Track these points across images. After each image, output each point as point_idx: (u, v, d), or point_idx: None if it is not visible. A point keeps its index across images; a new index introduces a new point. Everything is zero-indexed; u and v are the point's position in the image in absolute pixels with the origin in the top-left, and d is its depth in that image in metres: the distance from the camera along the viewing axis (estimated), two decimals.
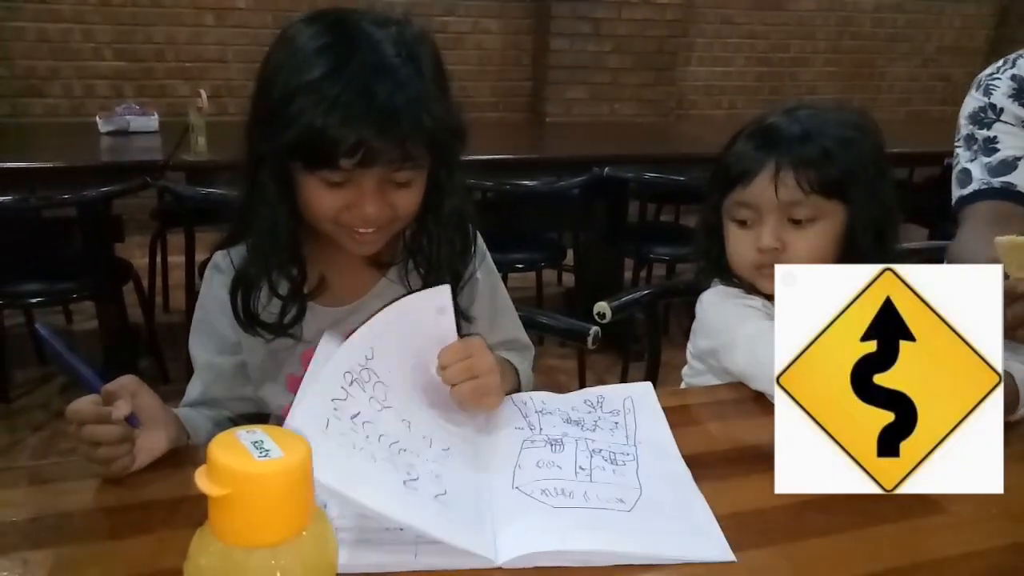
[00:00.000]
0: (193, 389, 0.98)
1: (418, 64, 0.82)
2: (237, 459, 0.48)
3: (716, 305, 1.06)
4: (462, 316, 0.98)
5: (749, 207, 1.00)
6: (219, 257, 0.96)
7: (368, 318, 0.83)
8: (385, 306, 0.84)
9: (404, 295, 0.91)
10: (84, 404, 0.73)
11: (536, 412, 0.88)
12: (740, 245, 1.03)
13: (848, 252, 1.00)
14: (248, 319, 0.91)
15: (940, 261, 1.57)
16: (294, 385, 0.97)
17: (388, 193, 0.84)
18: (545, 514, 0.70)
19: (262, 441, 0.50)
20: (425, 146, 0.83)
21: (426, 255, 0.94)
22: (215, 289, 0.95)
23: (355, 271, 0.96)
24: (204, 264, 2.45)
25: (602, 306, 1.25)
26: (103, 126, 2.73)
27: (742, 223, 1.02)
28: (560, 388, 0.95)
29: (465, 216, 0.95)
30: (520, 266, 2.62)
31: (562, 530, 0.67)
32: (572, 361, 2.52)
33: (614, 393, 0.94)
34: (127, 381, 0.77)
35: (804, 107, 1.04)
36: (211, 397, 0.97)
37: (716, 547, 0.68)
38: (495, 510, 0.71)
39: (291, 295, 0.91)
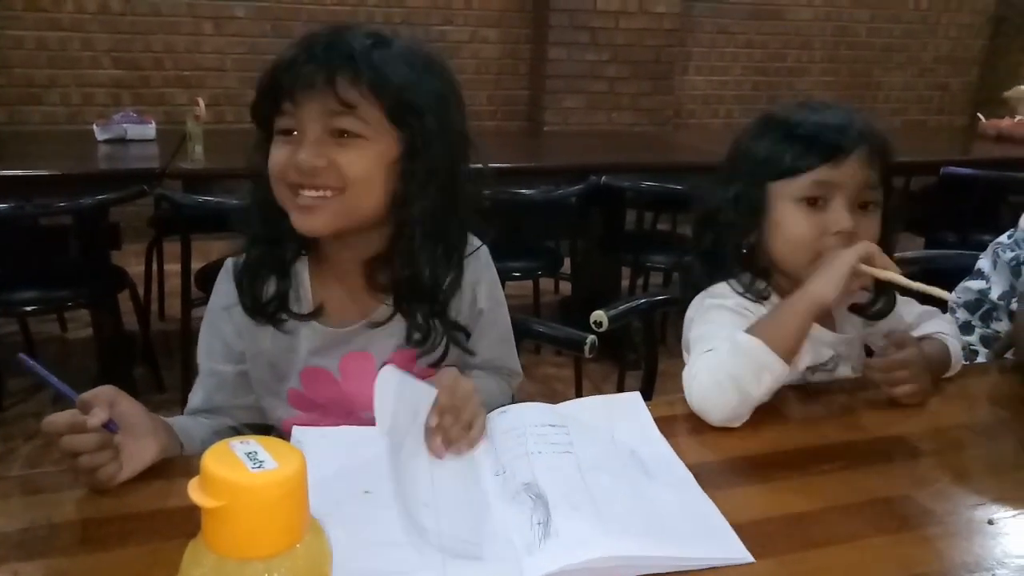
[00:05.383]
0: (195, 396, 0.98)
1: (386, 42, 0.86)
2: (231, 470, 0.48)
3: (707, 312, 1.05)
4: (454, 327, 0.97)
5: (830, 186, 0.98)
6: (230, 264, 0.96)
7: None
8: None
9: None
10: (58, 416, 0.73)
11: (531, 427, 0.86)
12: (806, 227, 0.99)
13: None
14: (254, 304, 0.92)
15: (935, 270, 1.58)
16: (295, 401, 0.97)
17: (330, 148, 0.85)
18: (564, 528, 0.69)
19: (256, 452, 0.50)
20: (374, 103, 0.84)
21: (397, 256, 0.92)
22: (223, 296, 0.96)
23: (355, 294, 0.96)
24: (200, 272, 2.44)
25: (599, 315, 1.24)
26: (100, 134, 2.72)
27: (812, 203, 0.99)
28: (556, 397, 0.95)
29: (437, 223, 0.92)
30: (517, 274, 2.61)
31: (585, 541, 0.66)
32: (569, 370, 2.51)
33: (603, 404, 0.94)
34: (103, 390, 0.76)
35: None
36: (214, 405, 0.97)
37: (732, 548, 0.68)
38: (511, 530, 0.70)
39: (279, 286, 0.92)
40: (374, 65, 0.83)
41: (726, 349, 0.91)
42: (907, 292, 1.01)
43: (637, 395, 0.95)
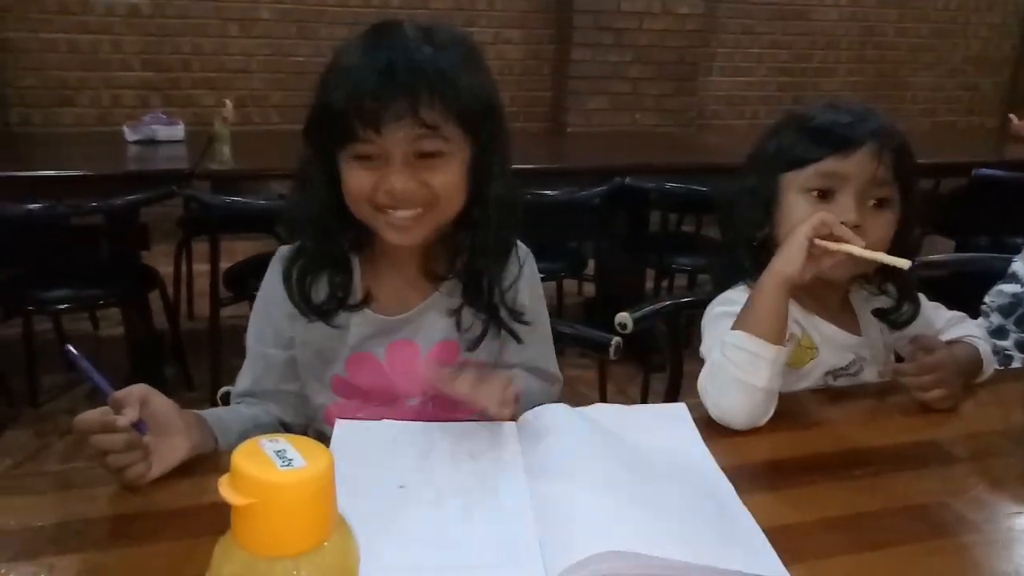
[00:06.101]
0: (243, 379, 1.00)
1: (438, 44, 0.85)
2: (260, 469, 0.48)
3: (715, 321, 1.04)
4: (513, 316, 0.99)
5: (837, 178, 0.98)
6: (284, 251, 0.98)
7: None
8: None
9: (459, 307, 0.94)
10: (90, 414, 0.74)
11: (568, 430, 0.86)
12: None
13: (893, 246, 1.00)
14: (301, 296, 0.93)
15: (967, 274, 1.55)
16: (338, 387, 0.98)
17: (417, 168, 0.86)
18: (588, 523, 0.68)
19: (285, 450, 0.50)
20: (450, 117, 0.84)
21: (468, 245, 0.94)
22: (276, 284, 0.97)
23: (410, 282, 0.97)
24: (228, 272, 2.46)
25: (623, 317, 1.24)
26: (130, 135, 2.77)
27: (822, 195, 0.99)
28: (581, 399, 0.94)
29: (513, 204, 0.94)
30: (540, 275, 2.60)
31: (606, 534, 0.66)
32: (593, 372, 2.49)
33: (648, 413, 0.94)
34: (136, 388, 0.77)
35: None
36: (261, 388, 0.99)
37: (767, 563, 0.67)
38: (539, 527, 0.70)
39: (337, 286, 0.94)
40: (447, 80, 0.83)
41: (717, 352, 0.92)
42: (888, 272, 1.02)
43: (683, 406, 0.95)
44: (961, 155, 3.15)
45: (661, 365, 1.63)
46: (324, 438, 0.89)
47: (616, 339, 1.19)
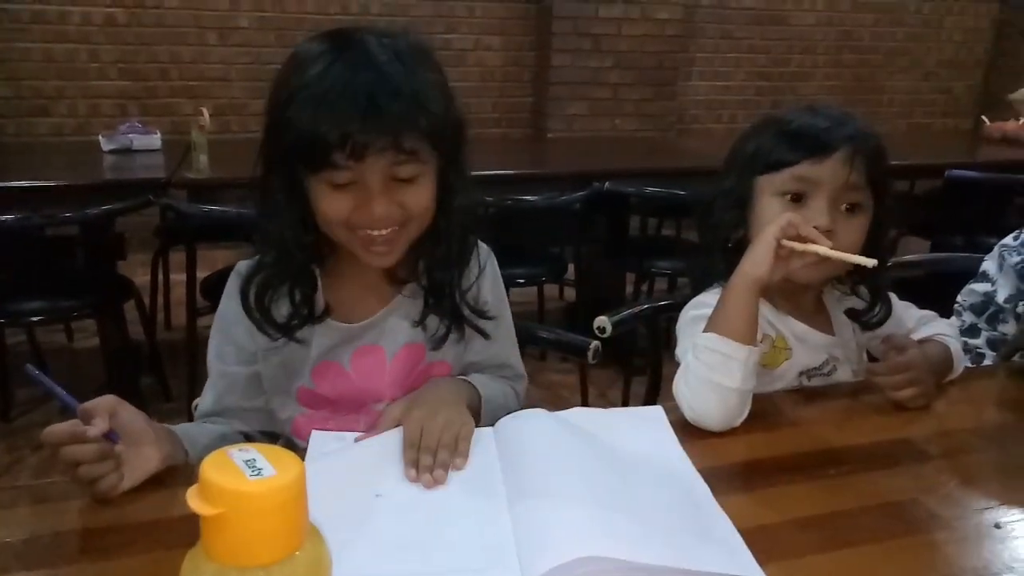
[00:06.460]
0: (205, 399, 0.98)
1: (406, 62, 0.84)
2: (229, 478, 0.48)
3: (689, 325, 1.05)
4: (477, 314, 0.98)
5: (811, 183, 0.99)
6: (242, 267, 0.96)
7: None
8: None
9: (422, 311, 0.95)
10: (59, 426, 0.73)
11: (543, 433, 0.86)
12: None
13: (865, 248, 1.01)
14: (261, 314, 0.92)
15: (941, 273, 1.57)
16: (305, 399, 0.97)
17: (395, 191, 0.85)
18: (566, 527, 0.68)
19: (254, 460, 0.49)
20: (424, 140, 0.83)
21: (432, 254, 0.94)
22: (236, 300, 0.95)
23: (372, 287, 0.97)
24: (206, 281, 2.44)
25: (602, 320, 1.24)
26: (106, 144, 2.74)
27: (795, 199, 1.00)
28: (562, 403, 0.95)
29: (474, 210, 0.95)
30: (521, 281, 2.61)
31: (586, 541, 0.66)
32: (574, 376, 2.50)
33: (625, 416, 0.94)
34: (104, 399, 0.76)
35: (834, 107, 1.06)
36: (224, 406, 0.97)
37: (743, 563, 0.67)
38: (517, 532, 0.70)
39: (301, 302, 0.92)
40: (424, 105, 0.82)
41: (690, 355, 0.93)
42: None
43: (660, 409, 0.95)
44: (935, 157, 3.20)
45: (642, 368, 1.64)
46: (294, 448, 0.88)
47: (595, 343, 1.19)
